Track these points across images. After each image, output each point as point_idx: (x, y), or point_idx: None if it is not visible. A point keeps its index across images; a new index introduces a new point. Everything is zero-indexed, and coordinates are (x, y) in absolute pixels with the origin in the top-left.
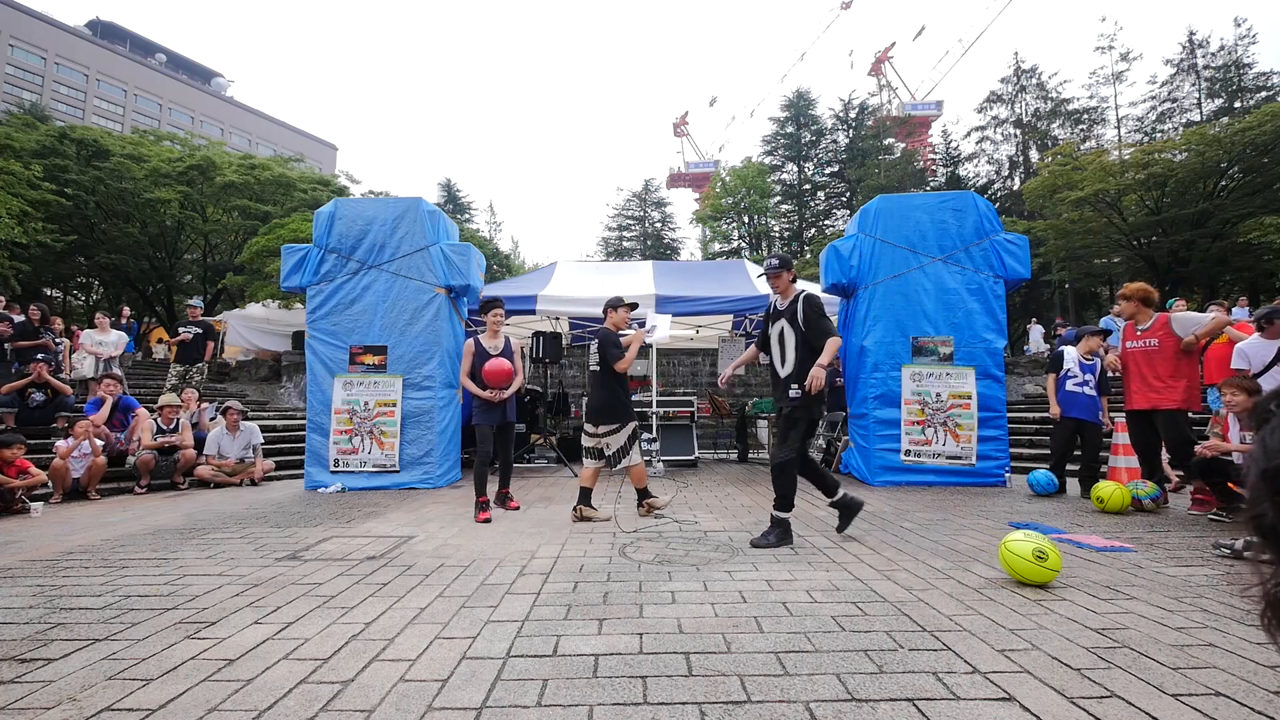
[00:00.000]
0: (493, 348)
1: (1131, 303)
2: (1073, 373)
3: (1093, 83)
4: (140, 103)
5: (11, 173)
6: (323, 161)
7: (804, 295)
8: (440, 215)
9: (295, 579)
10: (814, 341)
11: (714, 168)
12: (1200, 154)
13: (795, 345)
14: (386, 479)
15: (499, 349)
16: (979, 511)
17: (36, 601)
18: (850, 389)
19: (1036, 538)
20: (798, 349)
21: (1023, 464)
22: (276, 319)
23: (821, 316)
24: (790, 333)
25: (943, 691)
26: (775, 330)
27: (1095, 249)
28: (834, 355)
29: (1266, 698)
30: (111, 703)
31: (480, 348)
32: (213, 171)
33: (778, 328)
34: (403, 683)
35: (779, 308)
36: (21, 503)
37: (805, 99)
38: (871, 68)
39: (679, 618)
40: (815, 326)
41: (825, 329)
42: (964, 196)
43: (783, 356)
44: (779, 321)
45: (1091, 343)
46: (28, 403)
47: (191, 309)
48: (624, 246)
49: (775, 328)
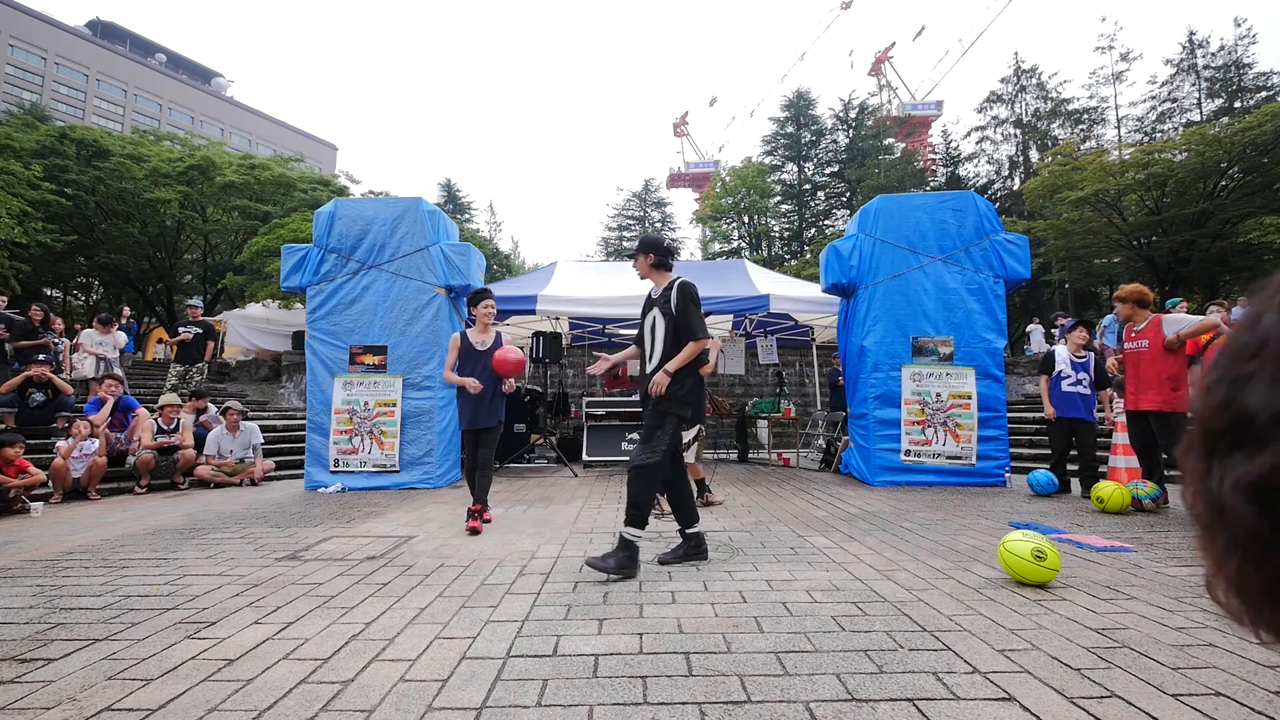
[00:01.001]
0: (480, 343)
1: (1127, 305)
2: (1065, 373)
3: (1093, 83)
4: (140, 103)
5: (11, 173)
6: (323, 161)
7: (679, 282)
8: (440, 215)
9: (295, 579)
10: (683, 334)
11: (714, 168)
12: (1200, 154)
13: (665, 335)
14: (386, 479)
15: (488, 344)
16: (979, 511)
17: (36, 601)
18: (850, 389)
19: (1035, 538)
20: (667, 338)
21: (1023, 464)
22: (276, 319)
23: (694, 307)
24: (662, 322)
25: (943, 691)
26: (648, 320)
27: (1095, 249)
28: (691, 359)
29: (1266, 698)
30: (111, 703)
31: (468, 344)
32: (213, 171)
33: (650, 317)
34: (403, 683)
35: (652, 296)
36: (21, 503)
37: (805, 99)
38: (871, 68)
39: (679, 618)
40: (684, 316)
41: (693, 324)
42: (964, 196)
43: (653, 347)
44: (651, 311)
45: (1077, 338)
46: (28, 403)
47: (191, 309)
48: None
49: (648, 318)
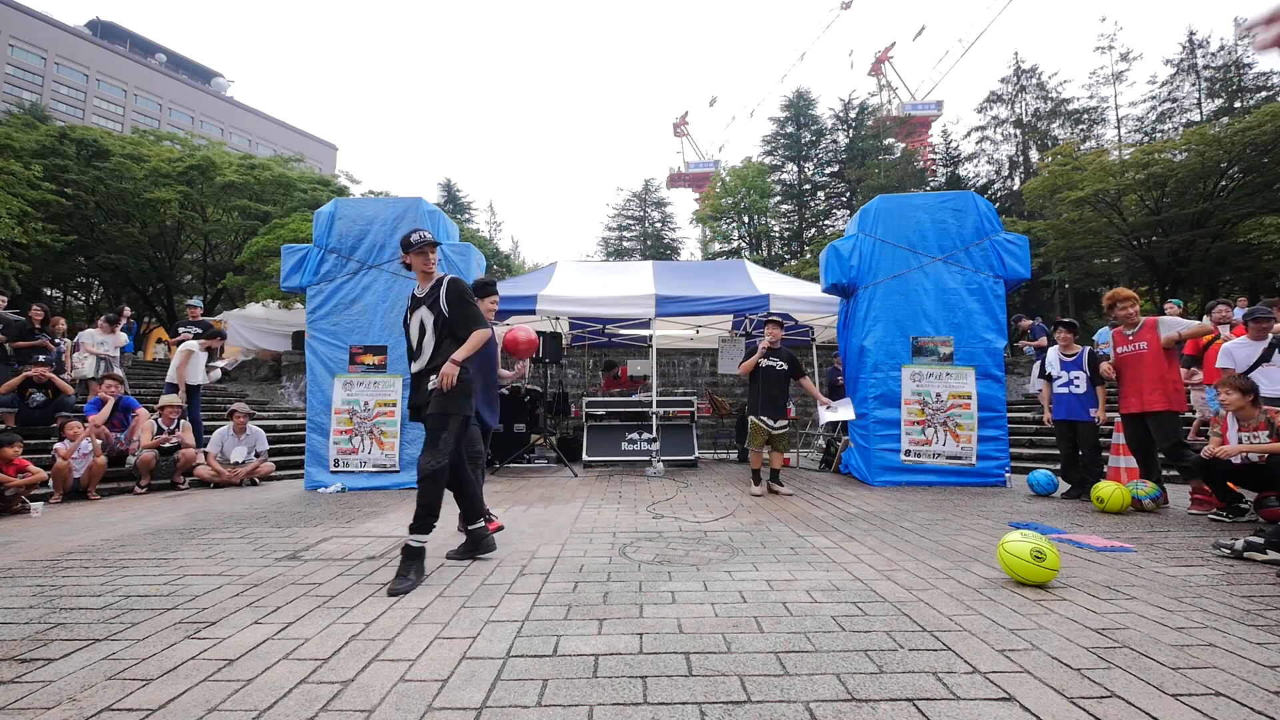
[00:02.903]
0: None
1: (1130, 299)
2: (1056, 374)
3: (1093, 83)
4: (140, 103)
5: (11, 173)
6: (323, 161)
7: (448, 279)
8: (440, 215)
9: (295, 579)
10: (458, 331)
11: (714, 168)
12: (1200, 154)
13: (435, 332)
14: (387, 479)
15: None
16: (979, 511)
17: (36, 601)
18: (850, 389)
19: (1034, 538)
20: (438, 336)
21: (1023, 464)
22: (276, 319)
23: (468, 303)
24: (430, 320)
25: (943, 691)
26: (415, 321)
27: (1095, 249)
28: (476, 349)
29: (1266, 698)
30: (111, 703)
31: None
32: (213, 171)
33: (417, 317)
34: (403, 683)
35: (418, 295)
36: (21, 503)
37: (805, 99)
38: (871, 68)
39: (679, 618)
40: (461, 313)
41: (471, 316)
42: (964, 196)
43: (420, 347)
44: (419, 310)
45: (1061, 338)
46: (28, 403)
47: (191, 309)
48: (624, 246)
49: (415, 317)
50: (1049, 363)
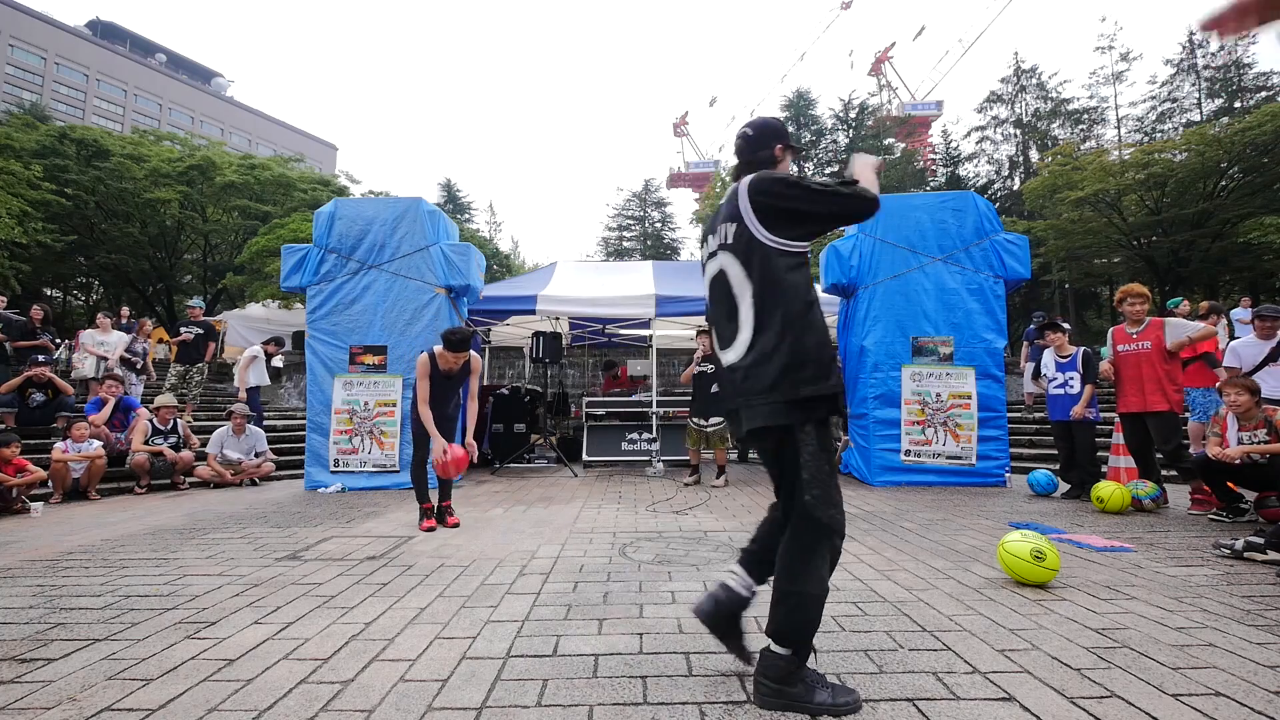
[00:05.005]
0: (448, 371)
1: (1142, 296)
2: (1050, 375)
3: (1093, 83)
4: (140, 103)
5: (11, 173)
6: (323, 161)
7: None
8: (440, 215)
9: (295, 579)
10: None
11: (714, 168)
12: (1200, 154)
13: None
14: (387, 479)
15: (455, 370)
16: (979, 511)
17: (36, 601)
18: (850, 389)
19: (1034, 538)
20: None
21: (1023, 464)
22: (276, 319)
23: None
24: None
25: (943, 691)
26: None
27: (1095, 249)
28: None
29: (1266, 698)
30: (111, 703)
31: (436, 370)
32: (213, 171)
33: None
34: (403, 683)
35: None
36: (21, 502)
37: (805, 99)
38: (871, 68)
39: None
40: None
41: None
42: (964, 196)
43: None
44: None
45: (1052, 339)
46: (28, 403)
47: (192, 309)
48: (624, 246)
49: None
50: (1044, 364)
